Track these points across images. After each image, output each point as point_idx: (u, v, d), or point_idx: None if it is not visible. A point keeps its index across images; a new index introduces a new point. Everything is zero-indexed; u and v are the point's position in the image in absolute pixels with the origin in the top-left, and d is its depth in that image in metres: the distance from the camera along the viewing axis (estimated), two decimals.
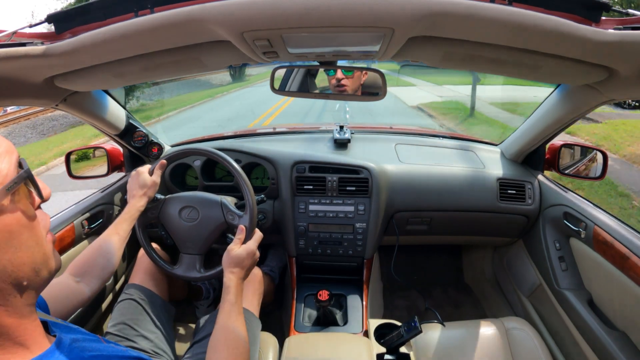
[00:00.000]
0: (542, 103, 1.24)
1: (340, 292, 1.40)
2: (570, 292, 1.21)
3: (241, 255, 0.94)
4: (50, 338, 0.48)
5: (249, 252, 0.95)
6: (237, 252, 0.94)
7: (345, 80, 1.07)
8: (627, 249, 0.98)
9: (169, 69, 0.86)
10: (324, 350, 1.08)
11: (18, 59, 0.71)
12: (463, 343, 1.17)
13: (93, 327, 1.26)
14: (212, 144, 1.60)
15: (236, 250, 0.95)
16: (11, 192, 0.41)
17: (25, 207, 0.43)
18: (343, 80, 1.08)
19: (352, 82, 1.07)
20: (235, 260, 0.93)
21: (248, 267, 0.95)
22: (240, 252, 0.95)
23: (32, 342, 0.44)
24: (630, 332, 1.01)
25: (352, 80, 1.07)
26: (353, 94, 1.07)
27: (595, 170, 1.31)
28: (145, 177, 1.10)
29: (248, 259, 0.95)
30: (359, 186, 1.40)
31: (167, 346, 1.04)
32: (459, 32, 0.67)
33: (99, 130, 1.31)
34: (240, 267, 0.93)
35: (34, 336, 0.45)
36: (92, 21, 0.69)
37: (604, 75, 0.76)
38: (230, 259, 0.94)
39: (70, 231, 1.18)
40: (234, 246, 0.96)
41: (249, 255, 0.95)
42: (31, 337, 0.44)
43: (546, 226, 1.38)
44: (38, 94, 0.89)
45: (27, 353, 0.42)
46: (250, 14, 0.61)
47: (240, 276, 0.93)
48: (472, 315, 1.79)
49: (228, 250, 0.96)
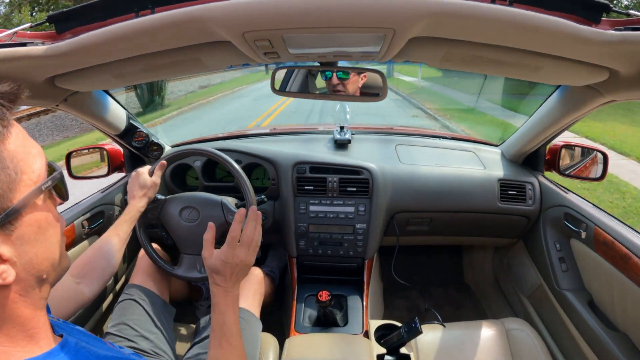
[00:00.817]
0: (543, 104, 1.24)
1: (341, 292, 1.40)
2: (570, 293, 1.21)
3: (214, 265, 0.75)
4: (56, 338, 0.49)
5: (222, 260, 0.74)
6: (209, 261, 0.76)
7: (340, 86, 1.06)
8: (628, 250, 0.97)
9: (170, 69, 0.86)
10: (324, 351, 1.08)
11: (19, 59, 0.71)
12: (463, 344, 1.16)
13: (93, 327, 1.26)
14: (212, 144, 1.60)
15: (209, 260, 0.76)
16: (45, 191, 0.44)
17: (52, 206, 0.47)
18: (338, 86, 1.06)
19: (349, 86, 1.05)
20: (213, 270, 0.75)
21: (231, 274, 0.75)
22: (212, 261, 0.75)
23: (41, 337, 0.45)
24: (630, 333, 1.01)
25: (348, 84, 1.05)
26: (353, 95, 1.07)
27: (596, 171, 1.31)
28: (145, 178, 1.10)
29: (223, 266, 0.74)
30: (360, 187, 1.40)
31: (167, 346, 1.04)
32: (460, 32, 0.67)
33: (100, 131, 1.31)
34: (222, 277, 0.75)
35: (44, 331, 0.46)
36: (92, 21, 0.69)
37: (604, 76, 0.76)
38: (207, 269, 0.77)
39: (71, 231, 1.18)
40: (204, 253, 0.77)
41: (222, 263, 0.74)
42: (41, 330, 0.46)
43: (547, 227, 1.37)
44: (39, 94, 0.89)
45: (35, 348, 0.44)
46: (251, 14, 0.61)
47: (225, 287, 0.75)
48: (473, 315, 1.79)
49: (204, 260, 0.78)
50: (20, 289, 0.43)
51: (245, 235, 0.77)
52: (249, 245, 0.77)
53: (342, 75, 1.05)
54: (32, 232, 0.43)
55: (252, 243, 0.77)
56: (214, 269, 0.75)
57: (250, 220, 0.78)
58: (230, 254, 0.75)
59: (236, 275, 0.76)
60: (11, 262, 0.40)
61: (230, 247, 0.75)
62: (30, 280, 0.44)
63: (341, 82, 1.06)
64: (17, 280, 0.41)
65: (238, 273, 0.76)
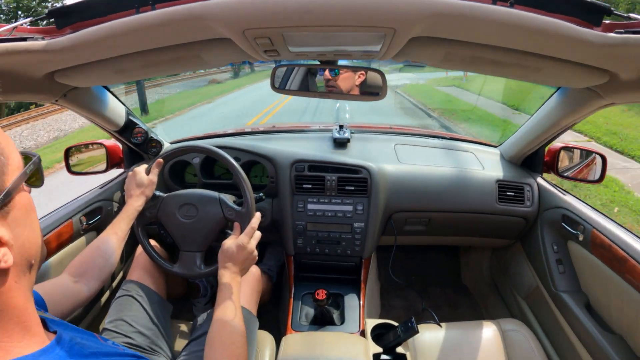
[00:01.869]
0: (543, 105, 1.24)
1: (338, 291, 1.40)
2: (567, 295, 1.21)
3: (231, 248, 0.92)
4: (49, 334, 0.49)
5: (239, 245, 0.93)
6: (227, 244, 0.93)
7: (332, 82, 1.06)
8: (625, 253, 0.98)
9: (169, 65, 0.86)
10: (321, 349, 1.08)
11: (18, 54, 0.71)
12: (459, 344, 1.17)
13: (90, 323, 1.26)
14: (211, 141, 1.60)
15: (227, 244, 0.94)
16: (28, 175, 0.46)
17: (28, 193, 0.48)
18: (331, 82, 1.07)
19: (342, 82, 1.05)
20: (226, 254, 0.92)
21: (242, 261, 0.93)
22: (230, 244, 0.93)
23: (34, 331, 0.45)
24: (626, 336, 1.01)
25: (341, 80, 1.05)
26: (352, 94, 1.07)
27: (594, 173, 1.31)
28: (142, 177, 1.10)
29: (239, 251, 0.92)
30: (358, 186, 1.40)
31: (164, 343, 1.04)
32: (461, 33, 0.67)
33: (99, 126, 1.31)
34: (233, 262, 0.92)
35: (35, 324, 0.46)
36: (93, 17, 0.69)
37: (604, 79, 0.76)
38: (221, 253, 0.93)
39: (69, 227, 1.18)
40: (226, 241, 0.95)
41: (239, 248, 0.92)
42: (34, 324, 0.46)
43: (544, 228, 1.38)
44: (38, 89, 0.89)
45: (31, 343, 0.44)
46: (252, 12, 0.61)
47: (233, 271, 0.91)
48: (469, 316, 1.79)
49: (221, 246, 0.95)
50: (15, 275, 0.43)
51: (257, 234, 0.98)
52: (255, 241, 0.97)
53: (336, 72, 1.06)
54: (23, 215, 0.44)
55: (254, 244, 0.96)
56: (230, 253, 0.92)
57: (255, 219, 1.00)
58: (246, 241, 0.94)
59: (244, 263, 0.94)
60: (9, 245, 0.41)
61: (248, 235, 0.95)
62: (22, 265, 0.45)
63: (333, 78, 1.07)
64: (13, 264, 0.42)
65: (245, 263, 0.94)
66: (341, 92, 1.06)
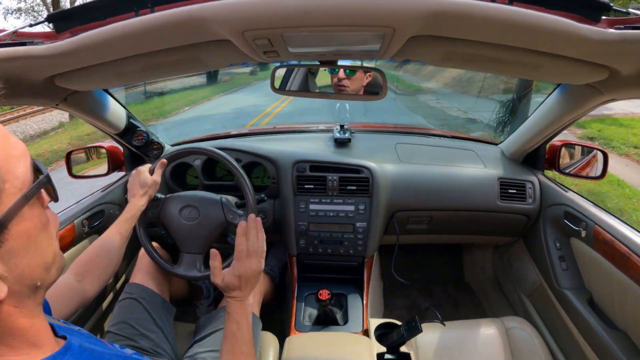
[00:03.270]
0: (543, 102, 1.24)
1: (341, 291, 1.40)
2: (570, 292, 1.21)
3: (229, 283, 0.78)
4: (58, 340, 0.48)
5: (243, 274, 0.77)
6: (223, 283, 0.79)
7: (345, 81, 1.07)
8: (628, 249, 0.97)
9: (169, 68, 0.86)
10: (324, 349, 1.08)
11: (18, 58, 0.71)
12: (463, 342, 1.17)
13: (93, 326, 1.27)
14: (212, 143, 1.60)
15: (222, 283, 0.79)
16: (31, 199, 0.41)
17: (40, 210, 0.43)
18: (344, 81, 1.07)
19: (353, 82, 1.06)
20: (227, 287, 0.79)
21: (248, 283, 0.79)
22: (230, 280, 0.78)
23: (43, 343, 0.44)
24: (630, 332, 1.01)
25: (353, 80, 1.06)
26: (354, 94, 1.07)
27: (596, 169, 1.31)
28: (146, 177, 1.10)
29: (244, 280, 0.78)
30: (360, 185, 1.40)
31: (167, 345, 1.04)
32: (460, 31, 0.67)
33: (99, 130, 1.31)
34: (238, 289, 0.78)
35: (45, 336, 0.45)
36: (92, 20, 0.69)
37: (604, 75, 0.76)
38: (224, 287, 0.79)
39: (71, 230, 1.18)
40: (215, 280, 0.79)
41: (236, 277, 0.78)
42: (42, 337, 0.44)
43: (546, 225, 1.38)
44: (38, 94, 0.89)
45: (39, 353, 0.43)
46: (251, 13, 0.61)
47: (242, 297, 0.79)
48: (473, 314, 1.79)
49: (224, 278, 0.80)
50: (14, 301, 0.41)
51: (251, 246, 0.79)
52: (256, 254, 0.79)
53: (349, 73, 1.06)
54: (22, 243, 0.40)
55: (259, 250, 0.80)
56: (230, 287, 0.78)
57: (251, 229, 0.80)
58: (242, 268, 0.78)
59: (250, 284, 0.80)
60: (2, 278, 0.38)
61: (240, 261, 0.78)
62: (23, 291, 0.42)
63: (347, 77, 1.07)
64: (10, 294, 0.39)
65: (252, 282, 0.79)
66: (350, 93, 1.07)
